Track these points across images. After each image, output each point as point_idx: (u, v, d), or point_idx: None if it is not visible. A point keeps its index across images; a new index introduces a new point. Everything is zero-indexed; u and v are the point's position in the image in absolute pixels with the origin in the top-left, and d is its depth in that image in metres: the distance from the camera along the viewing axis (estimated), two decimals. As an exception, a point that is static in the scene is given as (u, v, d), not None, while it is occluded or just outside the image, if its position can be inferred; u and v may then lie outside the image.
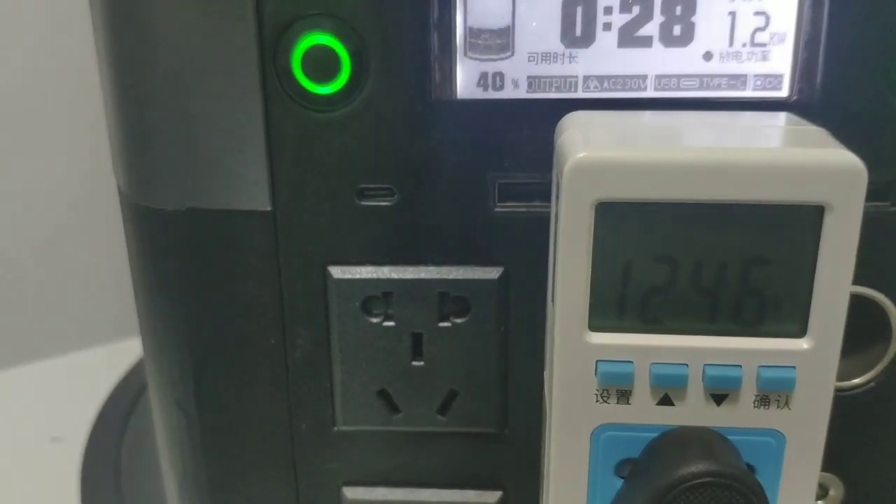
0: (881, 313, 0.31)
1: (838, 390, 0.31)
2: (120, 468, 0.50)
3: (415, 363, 0.32)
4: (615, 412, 0.25)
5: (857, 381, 0.31)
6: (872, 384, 0.31)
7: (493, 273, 0.31)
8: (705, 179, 0.23)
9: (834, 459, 0.30)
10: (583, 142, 0.24)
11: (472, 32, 0.29)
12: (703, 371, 0.24)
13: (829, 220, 0.23)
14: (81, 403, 0.56)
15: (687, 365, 0.24)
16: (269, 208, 0.30)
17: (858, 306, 0.29)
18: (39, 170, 0.61)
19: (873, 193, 0.28)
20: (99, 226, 0.63)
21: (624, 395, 0.25)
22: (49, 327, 0.65)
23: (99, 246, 0.64)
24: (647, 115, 0.28)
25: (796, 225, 0.23)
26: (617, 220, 0.24)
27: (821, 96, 0.28)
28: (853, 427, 0.32)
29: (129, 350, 0.61)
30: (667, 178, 0.23)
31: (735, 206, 0.23)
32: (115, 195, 0.34)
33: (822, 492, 0.33)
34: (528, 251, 0.30)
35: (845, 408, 0.31)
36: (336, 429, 0.33)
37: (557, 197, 0.24)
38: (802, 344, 0.24)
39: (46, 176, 0.62)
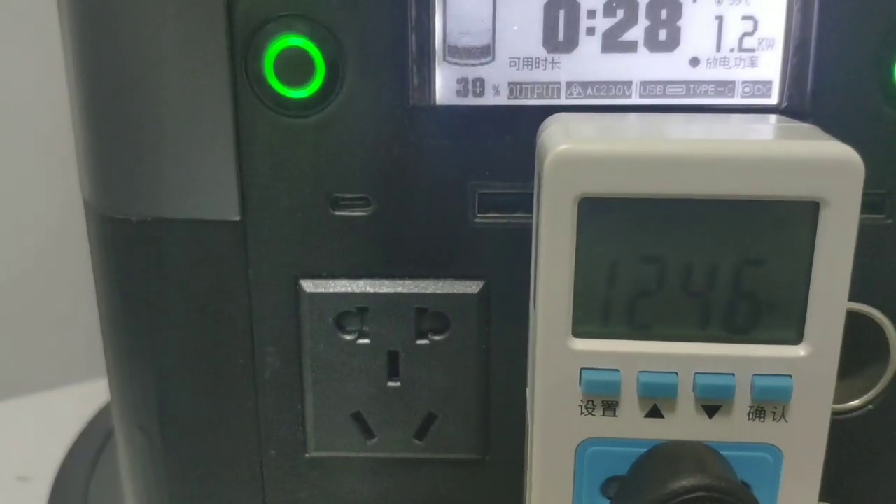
0: (878, 331, 0.30)
1: (836, 413, 0.30)
2: (87, 509, 0.49)
3: (391, 384, 0.30)
4: (601, 425, 0.24)
5: (855, 403, 0.30)
6: (871, 407, 0.30)
7: (473, 287, 0.30)
8: (695, 173, 0.22)
9: (833, 489, 0.29)
10: (565, 135, 0.23)
11: (451, 36, 0.28)
12: (694, 380, 0.23)
13: (825, 217, 0.22)
14: (50, 443, 0.55)
15: (676, 373, 0.23)
16: (238, 218, 0.29)
17: (855, 324, 0.28)
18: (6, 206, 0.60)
19: (869, 205, 0.28)
20: (71, 264, 0.61)
21: (610, 407, 0.23)
22: (19, 366, 0.64)
23: (70, 284, 0.62)
24: (633, 116, 0.27)
25: (791, 222, 0.22)
26: (602, 217, 0.23)
27: (812, 103, 0.28)
28: (853, 454, 0.31)
29: (99, 390, 0.59)
30: (654, 172, 0.22)
31: (726, 202, 0.22)
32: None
33: (820, 524, 0.32)
34: (510, 264, 0.29)
35: (844, 433, 0.30)
36: (307, 455, 0.32)
37: (539, 194, 0.23)
38: (799, 351, 0.23)
39: (15, 214, 0.61)
